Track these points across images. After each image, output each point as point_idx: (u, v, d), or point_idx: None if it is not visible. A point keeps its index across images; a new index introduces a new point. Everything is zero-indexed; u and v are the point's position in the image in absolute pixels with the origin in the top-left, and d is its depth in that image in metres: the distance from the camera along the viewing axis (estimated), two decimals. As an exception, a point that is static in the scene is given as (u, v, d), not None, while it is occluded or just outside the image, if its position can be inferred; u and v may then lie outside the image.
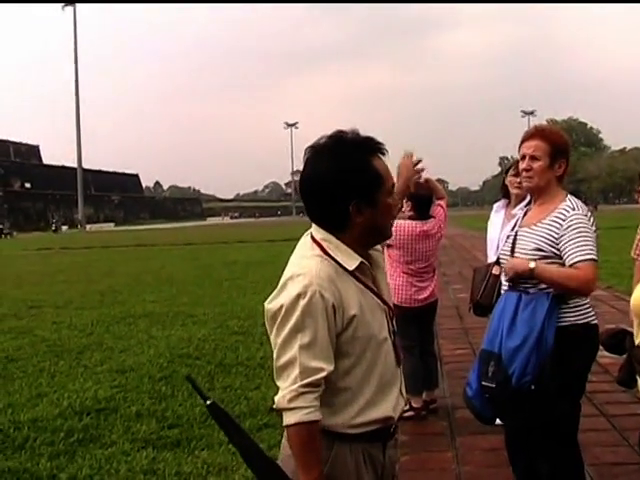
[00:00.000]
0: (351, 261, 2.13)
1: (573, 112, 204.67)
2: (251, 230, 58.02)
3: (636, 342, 2.66)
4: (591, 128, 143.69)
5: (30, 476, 4.59)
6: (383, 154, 2.18)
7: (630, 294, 3.34)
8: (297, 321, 2.05)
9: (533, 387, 3.17)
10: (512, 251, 3.44)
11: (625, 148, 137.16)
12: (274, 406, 2.08)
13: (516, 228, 3.51)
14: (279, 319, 2.09)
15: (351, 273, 2.13)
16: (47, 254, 33.24)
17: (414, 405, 5.56)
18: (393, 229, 2.35)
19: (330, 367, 2.06)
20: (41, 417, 5.77)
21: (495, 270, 3.80)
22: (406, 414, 5.36)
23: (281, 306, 2.08)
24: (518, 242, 3.40)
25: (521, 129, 2.48)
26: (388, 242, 4.78)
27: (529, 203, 3.69)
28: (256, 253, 24.63)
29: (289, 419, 2.04)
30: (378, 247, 2.33)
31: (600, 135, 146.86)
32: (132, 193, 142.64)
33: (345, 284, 2.11)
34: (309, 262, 2.12)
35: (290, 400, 2.03)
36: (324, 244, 2.16)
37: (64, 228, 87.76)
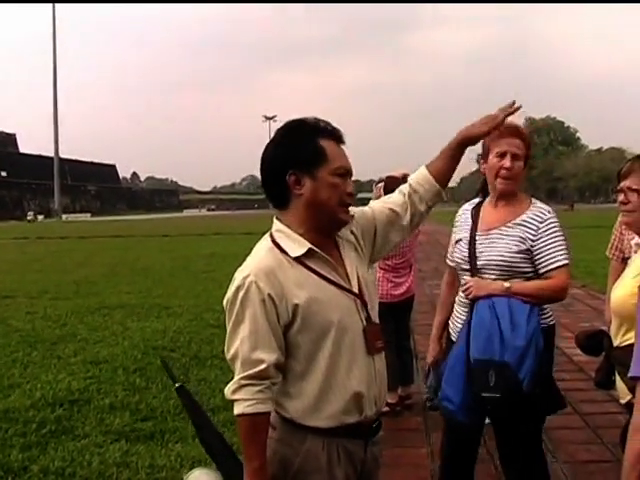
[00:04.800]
0: (299, 247, 2.13)
1: (551, 111, 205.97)
2: (228, 222, 57.73)
3: (615, 343, 2.63)
4: (568, 127, 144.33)
5: (1, 467, 4.53)
6: (336, 139, 2.19)
7: (604, 293, 3.34)
8: (237, 313, 2.10)
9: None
10: (473, 256, 3.25)
11: (602, 148, 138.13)
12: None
13: (468, 232, 3.33)
14: (227, 313, 2.15)
15: (300, 261, 2.13)
16: (23, 243, 32.91)
17: (389, 400, 5.55)
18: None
19: (271, 358, 2.06)
20: (13, 408, 5.71)
21: None
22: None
23: (227, 300, 2.14)
24: (489, 245, 3.23)
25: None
26: None
27: (479, 204, 3.44)
28: (233, 246, 24.47)
29: (235, 410, 2.08)
30: (349, 236, 2.29)
31: (577, 134, 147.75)
32: (109, 184, 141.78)
33: (289, 274, 2.10)
34: (255, 255, 2.18)
35: (233, 392, 2.08)
36: (275, 235, 2.19)
37: (40, 217, 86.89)
